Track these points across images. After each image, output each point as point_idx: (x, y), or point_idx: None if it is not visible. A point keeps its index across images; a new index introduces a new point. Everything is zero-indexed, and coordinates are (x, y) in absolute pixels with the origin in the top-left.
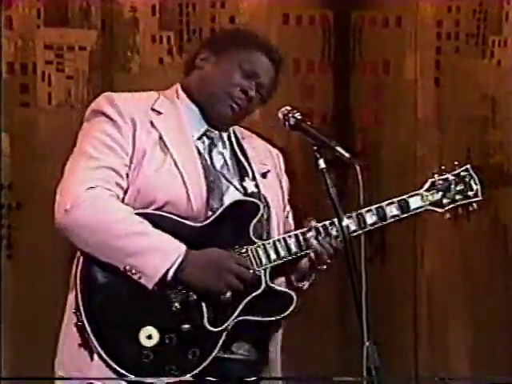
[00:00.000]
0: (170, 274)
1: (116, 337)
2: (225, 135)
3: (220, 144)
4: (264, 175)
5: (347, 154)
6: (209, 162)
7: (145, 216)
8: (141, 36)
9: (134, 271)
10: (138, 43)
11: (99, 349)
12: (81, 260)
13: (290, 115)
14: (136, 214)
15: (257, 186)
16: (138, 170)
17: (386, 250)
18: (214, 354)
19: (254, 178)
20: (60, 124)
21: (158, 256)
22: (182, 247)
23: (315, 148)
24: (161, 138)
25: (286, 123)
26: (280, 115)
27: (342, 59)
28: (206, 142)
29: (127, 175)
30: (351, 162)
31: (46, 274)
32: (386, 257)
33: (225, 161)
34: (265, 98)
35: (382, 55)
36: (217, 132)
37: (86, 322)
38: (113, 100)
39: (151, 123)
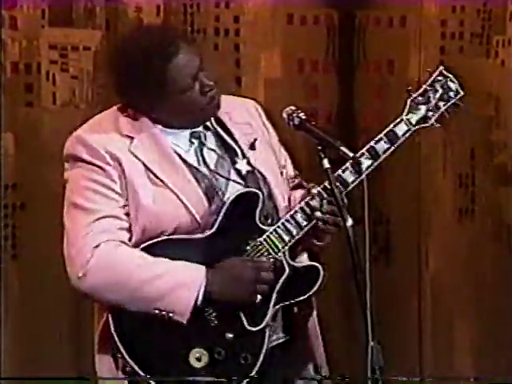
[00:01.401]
0: (199, 302)
1: (166, 368)
2: (208, 124)
3: (207, 138)
4: (252, 146)
5: (351, 154)
6: (202, 165)
7: (152, 247)
8: None
9: (164, 313)
10: None
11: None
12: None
13: (295, 115)
14: (143, 248)
15: (249, 163)
16: (136, 206)
17: (390, 250)
18: (263, 352)
19: (244, 156)
20: (64, 124)
21: (183, 291)
22: (202, 272)
23: (319, 148)
24: (146, 166)
25: (291, 123)
26: (284, 115)
27: (347, 59)
28: (196, 142)
29: (128, 214)
30: (355, 162)
31: (50, 273)
32: (390, 256)
33: (217, 156)
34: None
35: (386, 55)
36: (201, 129)
37: (128, 359)
38: (85, 142)
39: (131, 153)
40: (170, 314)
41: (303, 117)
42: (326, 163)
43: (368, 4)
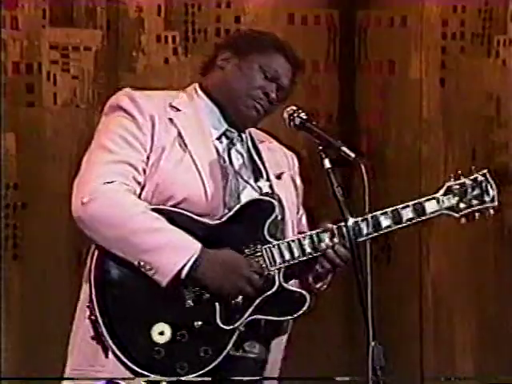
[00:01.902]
0: (184, 271)
1: (129, 332)
2: (243, 136)
3: (238, 144)
4: (279, 177)
5: (352, 154)
6: (227, 161)
7: (161, 212)
8: (146, 36)
9: (148, 267)
10: (143, 43)
11: (111, 343)
12: (96, 254)
13: (296, 115)
14: (152, 209)
15: (271, 186)
16: (156, 166)
17: (391, 250)
18: (225, 353)
19: (268, 179)
20: (65, 124)
21: (173, 253)
22: (197, 245)
23: (320, 148)
24: (180, 135)
25: (292, 123)
26: (285, 115)
27: (348, 59)
28: (225, 141)
29: (144, 171)
30: (356, 162)
31: (52, 273)
32: (391, 256)
33: (243, 161)
34: (282, 99)
35: (387, 55)
36: (235, 132)
37: (99, 316)
38: (133, 96)
39: (170, 120)
40: (153, 271)
41: (304, 117)
42: (327, 163)
43: (369, 4)
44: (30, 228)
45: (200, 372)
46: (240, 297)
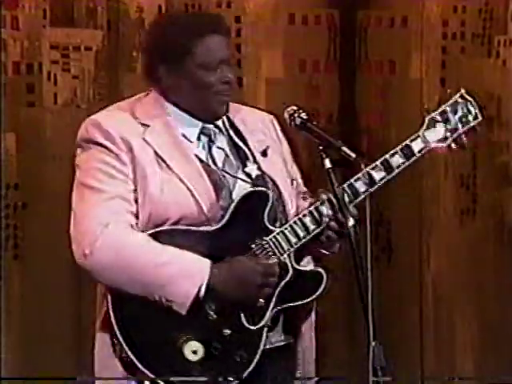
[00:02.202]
0: (201, 296)
1: (161, 358)
2: (220, 124)
3: (217, 137)
4: (264, 153)
5: (353, 154)
6: (210, 162)
7: (159, 235)
8: None
9: (165, 301)
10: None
11: (146, 371)
12: (109, 297)
13: (296, 115)
14: (150, 234)
15: (259, 168)
16: (144, 193)
17: (392, 250)
18: (259, 352)
19: (255, 161)
20: (66, 124)
21: (185, 283)
22: (206, 266)
23: (321, 148)
24: (157, 154)
25: (292, 123)
26: (286, 115)
27: (348, 59)
28: (204, 140)
29: (136, 200)
30: (357, 162)
31: (52, 273)
32: (392, 256)
33: (226, 155)
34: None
35: (387, 55)
36: (211, 125)
37: (131, 355)
38: (101, 126)
39: (144, 140)
40: (170, 304)
41: (305, 117)
42: (327, 163)
43: (369, 4)
44: (30, 228)
45: (241, 377)
46: (261, 301)
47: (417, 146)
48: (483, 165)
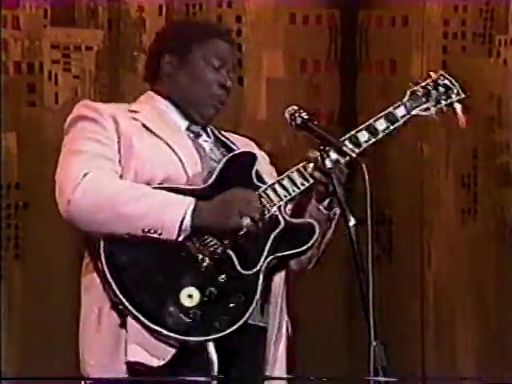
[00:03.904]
0: (187, 221)
1: (157, 306)
2: (207, 128)
3: (203, 133)
4: None
5: (354, 154)
6: (197, 144)
7: None
8: (147, 36)
9: (153, 231)
10: (144, 43)
11: (143, 319)
12: (101, 243)
13: (297, 115)
14: None
15: None
16: (129, 153)
17: (393, 250)
18: (256, 299)
19: None
20: None
21: (171, 209)
22: (191, 198)
23: (322, 148)
24: (145, 126)
25: (293, 123)
26: (287, 115)
27: (349, 59)
28: (191, 134)
29: (120, 161)
30: (358, 162)
31: (54, 273)
32: (392, 256)
33: (212, 145)
34: (232, 79)
35: (388, 55)
36: (199, 126)
37: (122, 298)
38: (90, 104)
39: (132, 118)
40: (159, 232)
41: (305, 116)
42: (328, 163)
43: (370, 4)
44: (31, 228)
45: (238, 323)
46: (247, 221)
47: (400, 112)
48: (484, 164)
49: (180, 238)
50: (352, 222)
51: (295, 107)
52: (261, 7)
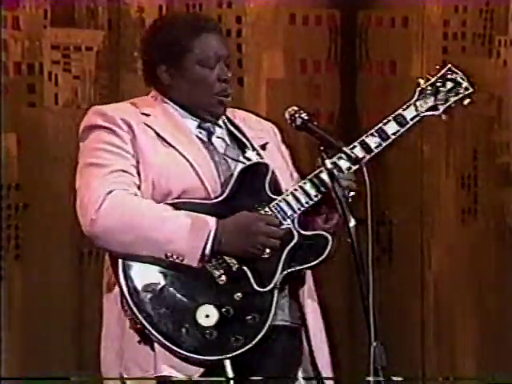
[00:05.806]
0: (208, 248)
1: (175, 325)
2: (219, 122)
3: (216, 129)
4: (263, 147)
5: (354, 155)
6: (211, 147)
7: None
8: None
9: (175, 256)
10: None
11: (162, 340)
12: (120, 262)
13: (297, 115)
14: None
15: (259, 154)
16: (146, 165)
17: (393, 250)
18: (272, 315)
19: (254, 149)
20: (67, 124)
21: (192, 234)
22: (212, 220)
23: (322, 148)
24: (158, 135)
25: (293, 123)
26: (287, 115)
27: (349, 59)
28: (203, 132)
29: (138, 174)
30: (358, 162)
31: (54, 274)
32: (393, 257)
33: (226, 144)
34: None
35: (388, 55)
36: (210, 123)
37: (143, 320)
38: (103, 112)
39: (145, 124)
40: (181, 258)
41: (305, 117)
42: (328, 164)
43: (370, 4)
44: (31, 228)
45: (255, 340)
46: (267, 251)
47: (410, 114)
48: (484, 164)
49: (200, 264)
50: (352, 222)
51: (295, 108)
52: (261, 8)
